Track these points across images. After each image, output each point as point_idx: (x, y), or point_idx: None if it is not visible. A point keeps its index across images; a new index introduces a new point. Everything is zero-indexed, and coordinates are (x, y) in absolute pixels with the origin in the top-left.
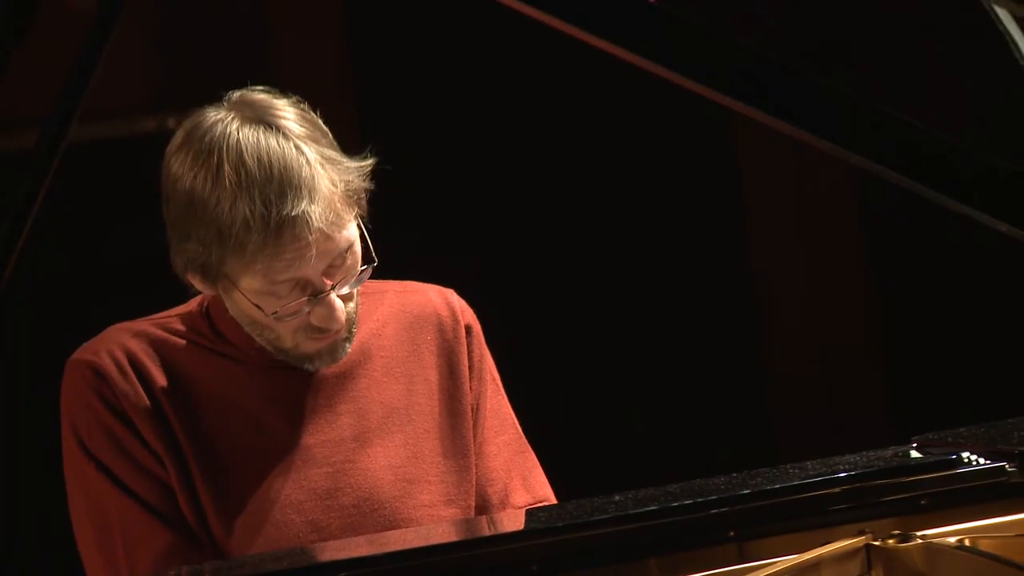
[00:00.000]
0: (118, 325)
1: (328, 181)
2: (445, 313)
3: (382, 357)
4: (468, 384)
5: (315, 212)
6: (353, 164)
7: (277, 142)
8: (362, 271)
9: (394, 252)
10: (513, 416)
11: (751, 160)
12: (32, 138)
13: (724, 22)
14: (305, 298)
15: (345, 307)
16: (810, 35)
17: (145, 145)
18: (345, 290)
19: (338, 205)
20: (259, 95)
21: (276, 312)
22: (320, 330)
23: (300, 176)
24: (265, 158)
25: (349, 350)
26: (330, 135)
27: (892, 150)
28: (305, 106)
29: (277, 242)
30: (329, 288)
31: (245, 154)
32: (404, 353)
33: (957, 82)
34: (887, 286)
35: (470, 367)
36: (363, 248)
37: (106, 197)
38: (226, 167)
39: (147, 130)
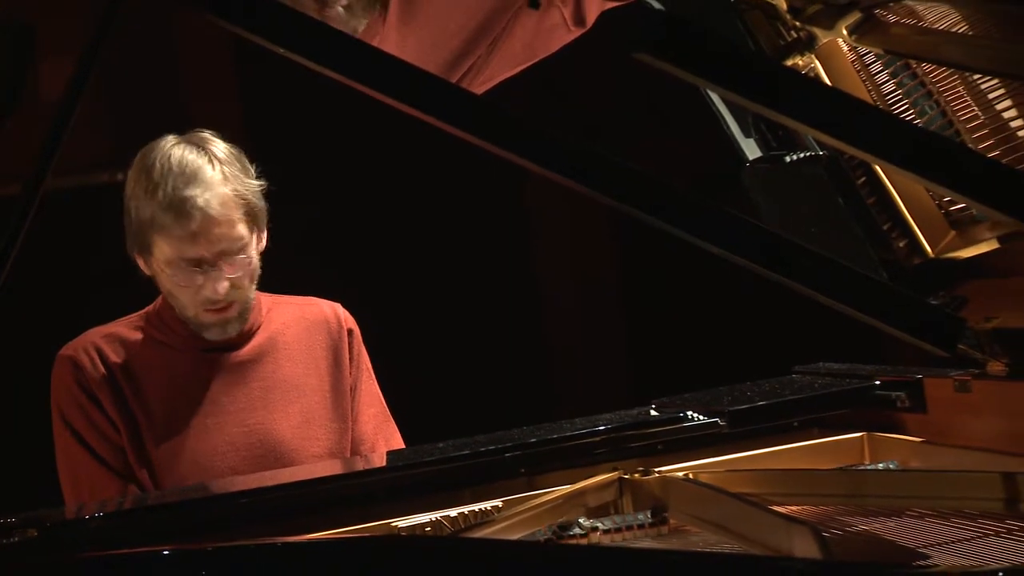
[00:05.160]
0: (93, 329)
1: (228, 189)
2: (333, 320)
3: (285, 348)
4: (348, 371)
5: (202, 198)
6: (253, 183)
7: (196, 155)
8: (244, 259)
9: (302, 276)
10: (380, 396)
11: (536, 195)
12: (17, 188)
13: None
14: (199, 271)
15: (233, 291)
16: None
17: (100, 192)
18: (230, 275)
19: (231, 207)
20: (205, 133)
21: (176, 279)
22: (211, 301)
23: (203, 176)
24: (183, 162)
25: (238, 331)
26: (249, 169)
27: (635, 194)
28: (237, 149)
29: (178, 218)
30: (215, 266)
31: (171, 158)
32: (302, 346)
33: (681, 147)
34: (632, 293)
35: (350, 359)
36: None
37: (74, 231)
38: (156, 164)
39: (101, 181)
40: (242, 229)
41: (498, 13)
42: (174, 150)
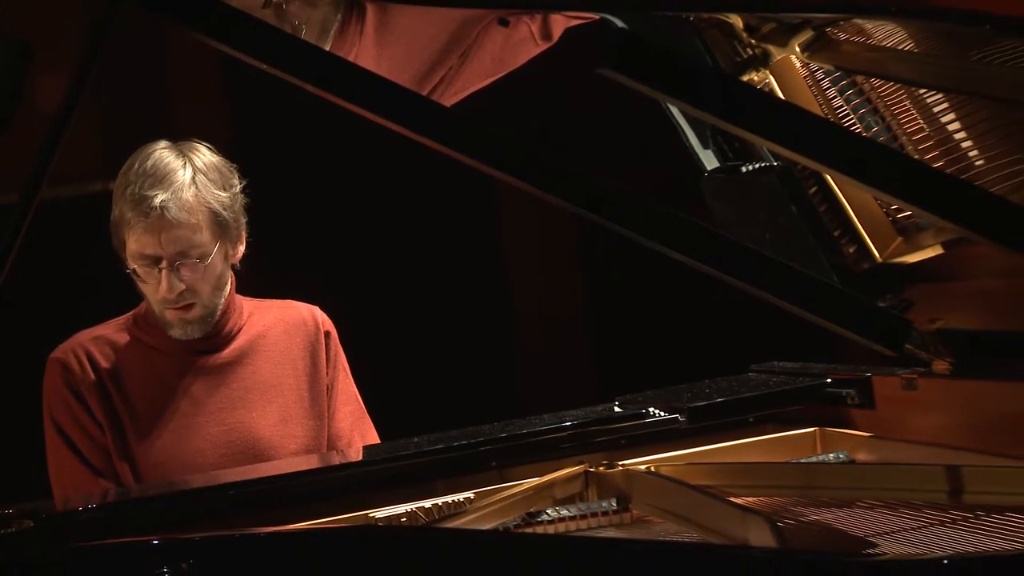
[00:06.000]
0: (82, 332)
1: (191, 195)
2: (311, 323)
3: (264, 349)
4: (325, 371)
5: (160, 198)
6: (223, 195)
7: (174, 159)
8: (202, 265)
9: (284, 279)
10: (357, 394)
11: (505, 202)
12: (15, 197)
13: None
14: (155, 269)
15: (189, 294)
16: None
17: (92, 200)
18: (186, 277)
19: (192, 213)
20: (197, 143)
21: (137, 273)
22: (166, 300)
23: (171, 179)
24: (158, 164)
25: (201, 332)
26: (230, 184)
27: (599, 201)
28: (228, 164)
29: (136, 216)
30: (172, 267)
31: (149, 160)
32: (281, 348)
33: (643, 157)
34: (597, 296)
35: (327, 360)
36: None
37: (67, 238)
38: (135, 164)
39: (93, 190)
40: (204, 236)
41: (469, 25)
42: (156, 153)
